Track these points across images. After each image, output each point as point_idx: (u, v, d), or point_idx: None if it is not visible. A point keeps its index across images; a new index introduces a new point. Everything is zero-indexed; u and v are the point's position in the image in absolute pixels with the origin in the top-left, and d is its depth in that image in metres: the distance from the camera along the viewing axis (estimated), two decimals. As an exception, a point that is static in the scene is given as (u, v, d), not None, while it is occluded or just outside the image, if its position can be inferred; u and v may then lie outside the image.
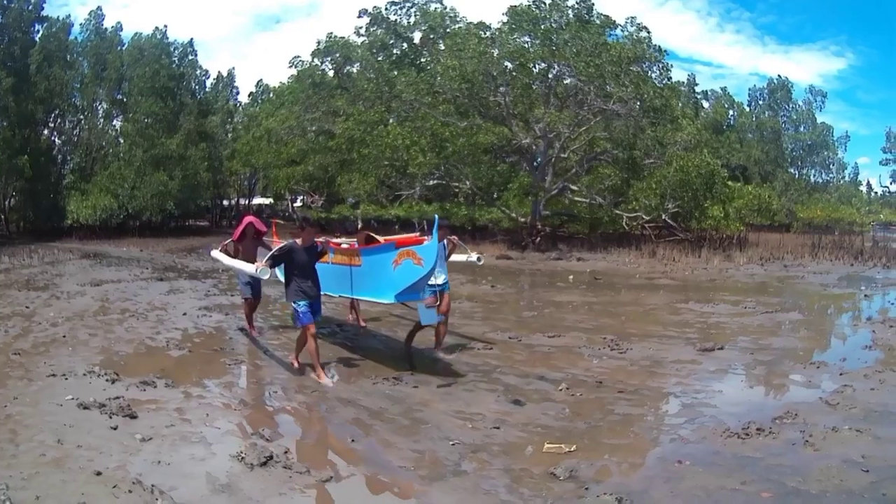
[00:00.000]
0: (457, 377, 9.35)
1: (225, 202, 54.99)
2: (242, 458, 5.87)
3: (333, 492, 5.55)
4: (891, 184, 47.31)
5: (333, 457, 6.44)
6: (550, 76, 33.03)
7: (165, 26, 47.08)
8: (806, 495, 5.73)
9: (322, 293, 9.91)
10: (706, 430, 7.45)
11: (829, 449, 6.90)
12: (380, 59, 42.71)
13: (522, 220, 32.47)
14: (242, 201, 55.60)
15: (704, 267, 26.03)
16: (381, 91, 38.67)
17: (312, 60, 45.35)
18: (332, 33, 44.63)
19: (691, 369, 10.19)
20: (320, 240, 9.84)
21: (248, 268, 9.86)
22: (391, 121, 37.31)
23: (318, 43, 44.88)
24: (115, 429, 6.54)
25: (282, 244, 9.97)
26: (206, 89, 53.72)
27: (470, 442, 6.81)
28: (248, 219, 12.69)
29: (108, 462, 5.69)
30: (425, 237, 9.89)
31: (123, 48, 43.37)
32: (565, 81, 32.86)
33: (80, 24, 43.00)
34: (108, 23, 43.77)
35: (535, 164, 33.25)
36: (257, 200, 55.14)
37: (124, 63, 42.45)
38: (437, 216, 9.27)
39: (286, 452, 6.10)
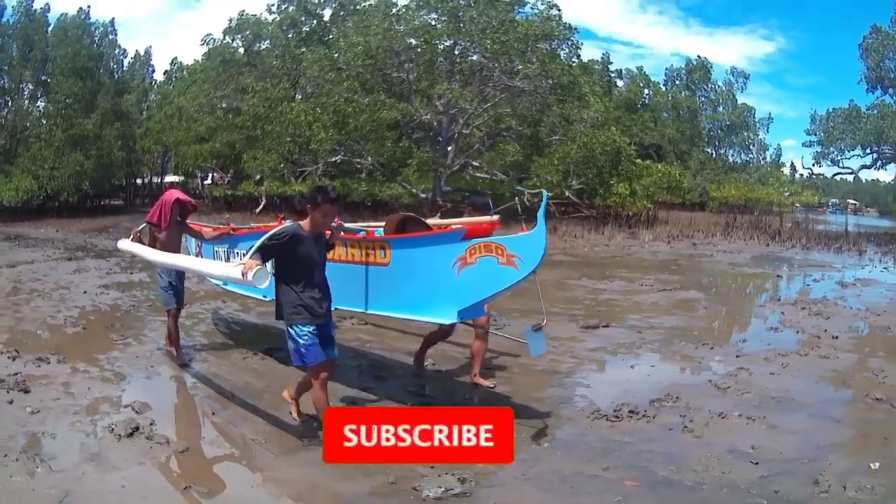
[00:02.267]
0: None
1: (139, 181, 53.77)
2: (112, 429, 6.15)
3: (187, 462, 5.75)
4: (814, 165, 47.06)
5: (193, 429, 6.66)
6: (456, 53, 32.74)
7: (88, 7, 45.56)
8: (678, 486, 5.55)
9: None
10: (574, 410, 7.33)
11: (712, 437, 6.76)
12: (290, 36, 42.13)
13: (423, 196, 32.22)
14: (156, 179, 54.41)
15: (607, 244, 26.25)
16: (288, 68, 38.35)
17: (224, 38, 44.52)
18: (243, 11, 43.96)
19: (569, 347, 9.95)
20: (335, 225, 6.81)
21: (231, 272, 6.19)
22: (297, 97, 36.98)
23: (230, 21, 44.17)
24: (10, 402, 6.89)
25: (278, 228, 6.37)
26: (124, 68, 52.57)
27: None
28: (172, 194, 9.13)
29: (2, 433, 6.04)
30: (493, 220, 7.43)
31: (49, 29, 42.24)
32: (471, 58, 32.55)
33: (13, 7, 41.74)
34: (38, 4, 42.64)
35: (438, 140, 32.87)
36: (169, 178, 54.10)
37: (49, 44, 41.50)
38: (545, 191, 6.76)
39: (151, 424, 6.35)
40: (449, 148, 32.16)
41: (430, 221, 8.11)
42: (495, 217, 7.52)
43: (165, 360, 8.82)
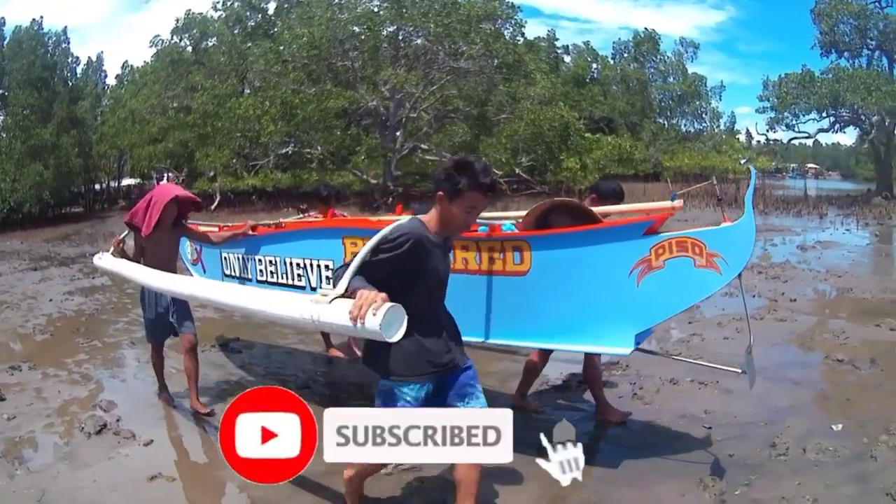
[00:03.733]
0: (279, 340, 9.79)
1: (97, 186, 53.40)
2: (83, 428, 6.35)
3: (151, 454, 5.86)
4: (768, 131, 47.06)
5: (156, 422, 6.73)
6: (400, 38, 32.96)
7: (41, 17, 45.54)
8: (626, 451, 5.57)
9: None
10: (516, 384, 6.94)
11: (662, 403, 6.79)
12: (236, 32, 42.17)
13: (374, 181, 32.46)
14: (113, 184, 54.09)
15: (559, 218, 25.86)
16: (235, 64, 38.29)
17: (172, 38, 44.41)
18: (190, 10, 43.90)
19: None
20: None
21: (315, 311, 3.68)
22: (246, 92, 37.03)
23: (177, 20, 44.12)
24: (-13, 412, 7.22)
25: (392, 227, 3.90)
26: (77, 76, 52.13)
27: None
28: (169, 190, 6.92)
29: (-19, 441, 6.41)
30: (675, 206, 5.15)
31: (5, 42, 42.19)
32: (415, 42, 32.70)
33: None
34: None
35: (386, 125, 33.03)
36: (126, 181, 53.77)
37: (5, 57, 41.54)
38: (752, 168, 5.52)
39: (118, 420, 6.55)
40: (397, 133, 32.32)
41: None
42: (678, 203, 5.14)
43: (128, 359, 9.09)
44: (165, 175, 46.72)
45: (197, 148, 38.22)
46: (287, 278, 6.81)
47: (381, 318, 3.26)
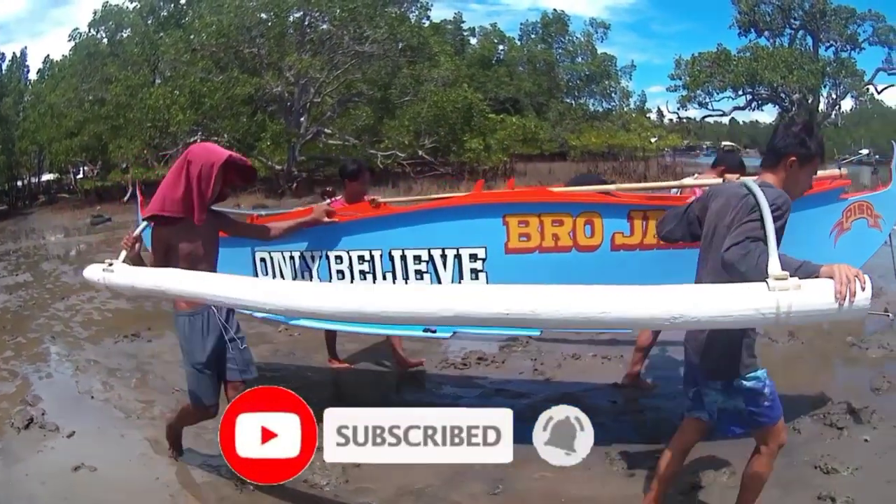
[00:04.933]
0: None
1: (19, 183, 52.95)
2: (12, 423, 6.32)
3: (75, 445, 5.85)
4: (679, 109, 49.49)
5: (78, 414, 6.63)
6: (306, 23, 33.22)
7: (-35, 16, 45.62)
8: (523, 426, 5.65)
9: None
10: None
11: (564, 377, 6.94)
12: (149, 22, 42.05)
13: (279, 167, 32.74)
14: (34, 180, 53.71)
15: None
16: (148, 54, 38.22)
17: (90, 31, 44.07)
18: (107, 2, 43.46)
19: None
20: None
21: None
22: (157, 82, 36.94)
23: (95, 13, 43.76)
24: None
25: (776, 192, 3.60)
26: (2, 72, 51.64)
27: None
28: (213, 151, 4.95)
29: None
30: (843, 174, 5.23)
31: None
32: (321, 27, 33.03)
33: None
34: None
35: (291, 111, 33.36)
36: (46, 177, 53.45)
37: None
38: (893, 142, 5.68)
39: (43, 414, 6.50)
40: (301, 118, 32.57)
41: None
42: (844, 171, 5.23)
43: (51, 354, 8.95)
44: (81, 168, 46.65)
45: (110, 140, 38.06)
46: (391, 279, 5.44)
47: (870, 291, 2.90)
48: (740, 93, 47.31)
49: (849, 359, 7.35)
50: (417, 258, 5.37)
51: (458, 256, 5.26)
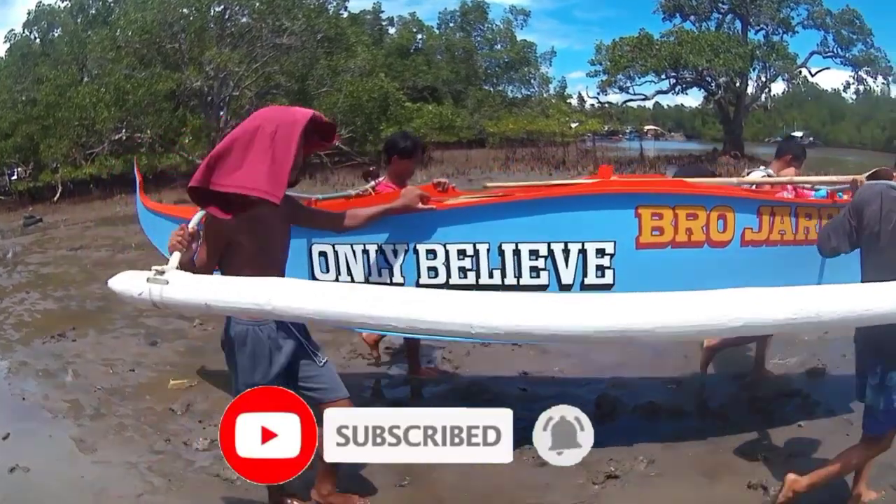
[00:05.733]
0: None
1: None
2: None
3: (8, 446, 5.78)
4: (599, 94, 48.84)
5: (11, 415, 6.56)
6: (226, 17, 33.51)
7: None
8: None
9: None
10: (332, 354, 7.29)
11: (474, 366, 7.06)
12: (79, 21, 42.12)
13: (199, 162, 32.08)
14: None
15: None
16: (77, 53, 38.19)
17: (24, 32, 44.11)
18: (41, 2, 43.69)
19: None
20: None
21: None
22: (85, 80, 36.84)
23: (29, 13, 43.93)
24: None
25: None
26: (-55, 76, 51.56)
27: (109, 386, 7.05)
28: (288, 113, 3.87)
29: None
30: None
31: None
32: (241, 21, 33.40)
33: None
34: None
35: (211, 105, 33.75)
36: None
37: None
38: None
39: None
40: (221, 112, 32.95)
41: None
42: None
43: None
44: (14, 170, 46.70)
45: (41, 140, 38.23)
46: (500, 277, 4.89)
47: None
48: (663, 77, 46.89)
49: (780, 340, 7.02)
50: (534, 253, 4.82)
51: (582, 251, 4.79)
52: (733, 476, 4.94)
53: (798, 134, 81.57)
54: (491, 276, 4.85)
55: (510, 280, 4.84)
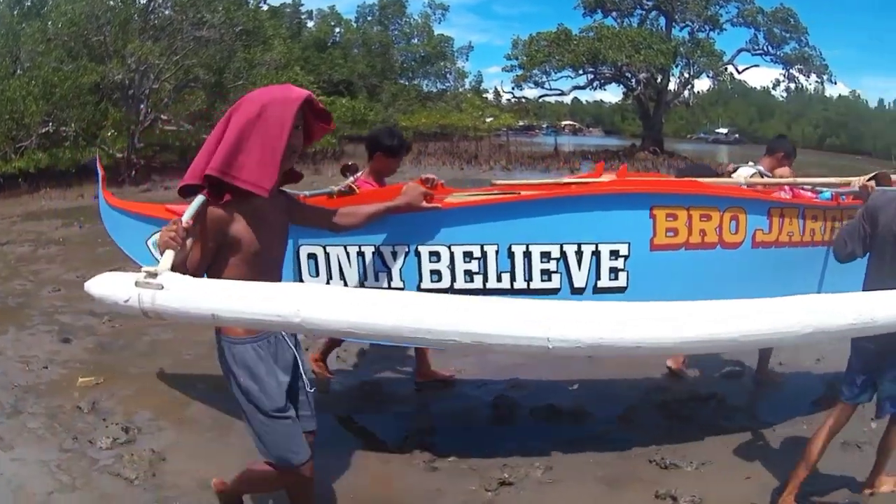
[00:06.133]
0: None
1: None
2: None
3: None
4: (514, 89, 50.42)
5: None
6: (150, 9, 34.12)
7: None
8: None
9: None
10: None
11: (369, 366, 7.36)
12: (14, 13, 42.38)
13: (120, 155, 33.27)
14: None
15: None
16: (10, 46, 37.33)
17: (-36, 27, 43.99)
18: (-19, -3, 43.45)
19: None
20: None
21: None
22: (17, 73, 36.50)
23: (-32, 9, 43.52)
24: None
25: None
26: None
27: (25, 384, 7.09)
28: (283, 91, 3.72)
29: None
30: None
31: None
32: (164, 13, 34.07)
33: None
34: None
35: (132, 98, 34.05)
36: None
37: None
38: None
39: None
40: (141, 105, 33.32)
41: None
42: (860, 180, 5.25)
43: None
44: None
45: (-25, 135, 38.34)
46: (509, 280, 4.81)
47: None
48: (581, 72, 47.91)
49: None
50: (546, 255, 4.73)
51: (595, 253, 4.75)
52: (639, 484, 4.82)
53: (723, 131, 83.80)
54: (500, 279, 4.76)
55: (520, 284, 4.77)
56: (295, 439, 3.71)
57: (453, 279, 4.75)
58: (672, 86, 50.73)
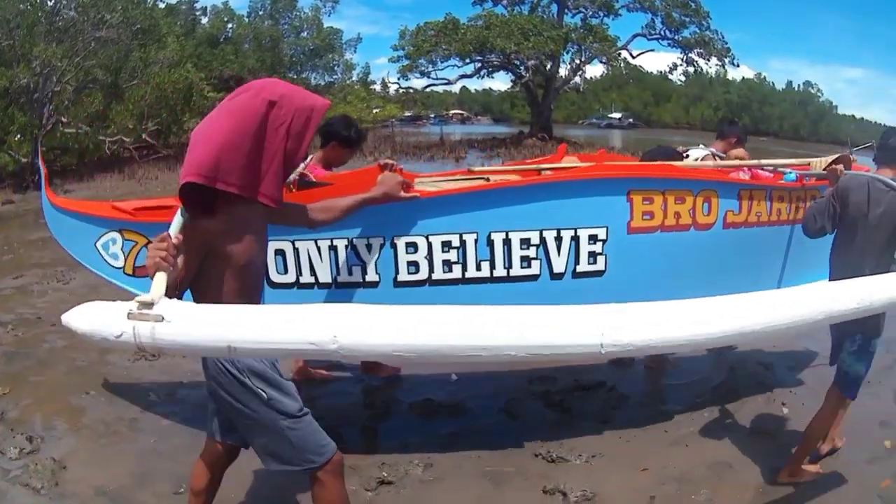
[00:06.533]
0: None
1: None
2: None
3: None
4: (399, 79, 50.43)
5: None
6: (55, 11, 33.46)
7: None
8: None
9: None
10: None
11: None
12: None
13: (25, 160, 31.91)
14: None
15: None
16: None
17: None
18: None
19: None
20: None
21: None
22: None
23: None
24: None
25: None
26: None
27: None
28: (298, 91, 3.39)
29: None
30: None
31: None
32: (69, 14, 33.39)
33: None
34: None
35: (36, 101, 33.28)
36: None
37: None
38: None
39: None
40: (45, 108, 32.55)
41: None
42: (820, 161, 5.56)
43: None
44: None
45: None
46: (489, 269, 4.76)
47: None
48: (468, 61, 47.65)
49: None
50: (525, 242, 4.72)
51: (574, 238, 4.77)
52: (525, 480, 4.69)
53: (616, 115, 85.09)
54: (479, 268, 4.68)
55: (499, 272, 4.70)
56: (320, 430, 3.41)
57: (431, 270, 4.64)
58: (563, 72, 49.99)
